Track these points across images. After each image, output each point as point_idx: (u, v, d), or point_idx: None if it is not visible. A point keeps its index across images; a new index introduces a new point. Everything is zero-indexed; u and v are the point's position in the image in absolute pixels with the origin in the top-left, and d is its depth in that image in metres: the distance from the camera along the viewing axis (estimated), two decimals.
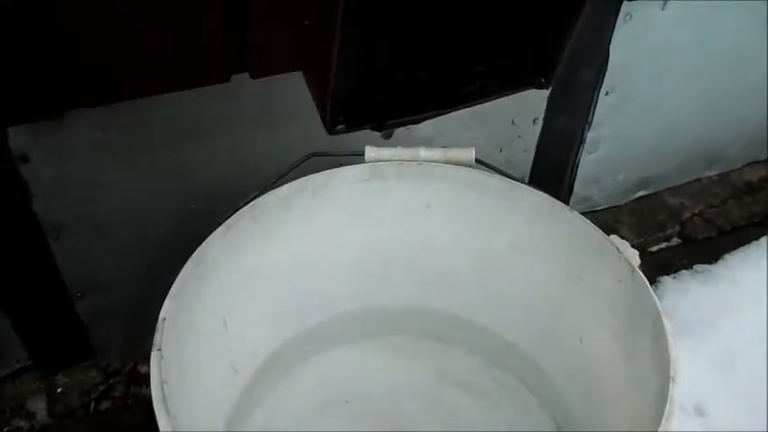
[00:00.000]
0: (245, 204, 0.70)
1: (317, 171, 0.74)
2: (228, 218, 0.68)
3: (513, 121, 0.95)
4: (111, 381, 0.92)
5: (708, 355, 0.99)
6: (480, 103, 0.58)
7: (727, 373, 0.97)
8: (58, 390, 0.90)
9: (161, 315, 0.60)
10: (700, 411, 0.93)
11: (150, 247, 0.84)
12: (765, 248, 1.14)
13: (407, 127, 0.81)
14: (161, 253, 0.83)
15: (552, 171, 1.05)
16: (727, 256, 1.13)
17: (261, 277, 0.74)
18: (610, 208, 1.19)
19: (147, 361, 0.57)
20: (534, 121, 0.97)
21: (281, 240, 0.74)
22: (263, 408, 0.79)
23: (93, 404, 0.90)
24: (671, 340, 0.59)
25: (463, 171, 0.75)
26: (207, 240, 0.66)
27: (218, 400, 0.70)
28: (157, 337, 0.58)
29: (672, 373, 0.56)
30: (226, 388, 0.73)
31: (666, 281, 1.10)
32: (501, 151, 0.98)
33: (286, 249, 0.76)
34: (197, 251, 0.65)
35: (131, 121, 0.74)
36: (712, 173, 1.27)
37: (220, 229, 0.67)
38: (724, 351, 0.99)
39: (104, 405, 0.90)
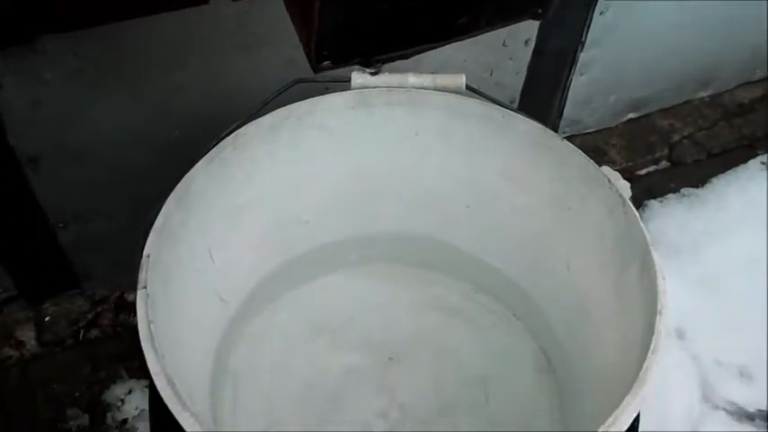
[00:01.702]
0: (228, 134, 0.67)
1: (302, 98, 0.71)
2: (211, 148, 0.66)
3: (504, 43, 0.92)
4: (98, 309, 0.92)
5: (691, 278, 1.00)
6: (472, 36, 0.54)
7: (710, 296, 0.98)
8: (46, 319, 0.90)
9: (145, 252, 0.58)
10: (680, 334, 0.95)
11: (132, 175, 0.83)
12: (752, 172, 1.14)
13: None
14: (143, 180, 0.81)
15: (543, 93, 1.03)
16: (714, 180, 1.13)
17: (246, 207, 0.73)
18: (600, 130, 1.18)
19: (134, 288, 0.57)
20: (526, 42, 0.94)
21: (265, 170, 0.73)
22: (250, 336, 0.80)
23: (81, 332, 0.90)
24: (659, 274, 0.58)
25: (453, 98, 0.72)
26: (190, 173, 0.64)
27: (206, 332, 0.70)
28: (142, 274, 0.57)
29: (659, 307, 0.56)
30: (214, 319, 0.73)
31: (653, 205, 1.11)
32: (491, 74, 0.95)
33: (271, 179, 0.74)
34: (180, 184, 0.63)
35: (107, 46, 0.70)
36: (705, 94, 1.25)
37: (203, 160, 0.65)
38: (708, 275, 1.00)
39: (93, 333, 0.90)
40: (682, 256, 1.03)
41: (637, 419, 0.67)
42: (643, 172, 1.17)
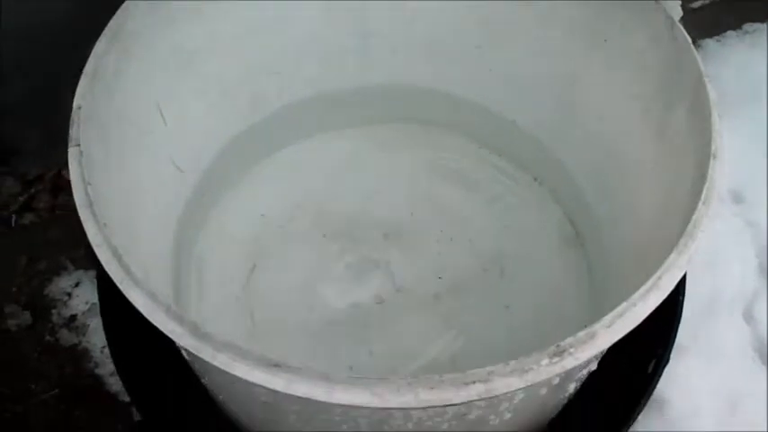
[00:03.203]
0: None
1: None
2: None
3: None
4: (32, 190, 0.91)
5: (752, 134, 0.99)
6: None
7: None
8: None
9: (75, 102, 0.57)
10: (736, 197, 0.94)
11: (53, 23, 0.79)
12: None
13: None
14: (69, 30, 0.78)
15: None
16: None
17: (201, 53, 0.71)
18: None
19: None
20: None
21: (220, 4, 0.70)
22: (215, 214, 0.80)
23: (14, 218, 0.90)
24: (714, 110, 0.57)
25: None
26: (123, 6, 0.62)
27: (162, 207, 0.70)
28: (74, 130, 0.56)
29: (713, 149, 0.54)
30: (171, 192, 0.73)
31: (708, 45, 1.08)
32: None
33: (231, 15, 0.71)
34: (112, 20, 0.61)
35: None
36: None
37: None
38: None
39: (28, 218, 0.90)
40: (741, 107, 1.01)
41: (681, 290, 0.68)
42: (697, 5, 1.13)
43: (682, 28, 0.61)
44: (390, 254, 0.79)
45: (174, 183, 0.73)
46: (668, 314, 0.67)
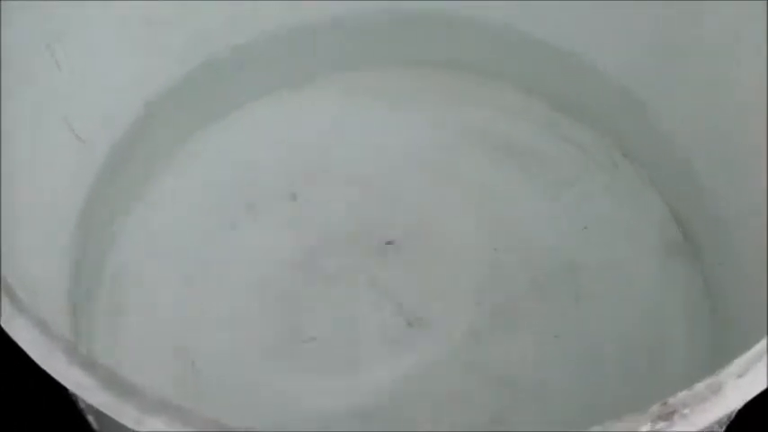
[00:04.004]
0: None
1: None
2: None
3: None
4: None
5: None
6: None
7: None
8: None
9: None
10: None
11: None
12: None
13: None
14: None
15: None
16: None
17: None
18: None
19: None
20: None
21: None
22: (141, 202, 0.82)
23: None
24: None
25: None
26: None
27: (54, 192, 0.71)
28: None
29: None
30: (68, 171, 0.74)
31: None
32: None
33: None
34: None
35: None
36: None
37: None
38: None
39: None
40: None
41: None
42: None
43: None
44: (400, 267, 0.80)
45: (72, 159, 0.74)
46: None
